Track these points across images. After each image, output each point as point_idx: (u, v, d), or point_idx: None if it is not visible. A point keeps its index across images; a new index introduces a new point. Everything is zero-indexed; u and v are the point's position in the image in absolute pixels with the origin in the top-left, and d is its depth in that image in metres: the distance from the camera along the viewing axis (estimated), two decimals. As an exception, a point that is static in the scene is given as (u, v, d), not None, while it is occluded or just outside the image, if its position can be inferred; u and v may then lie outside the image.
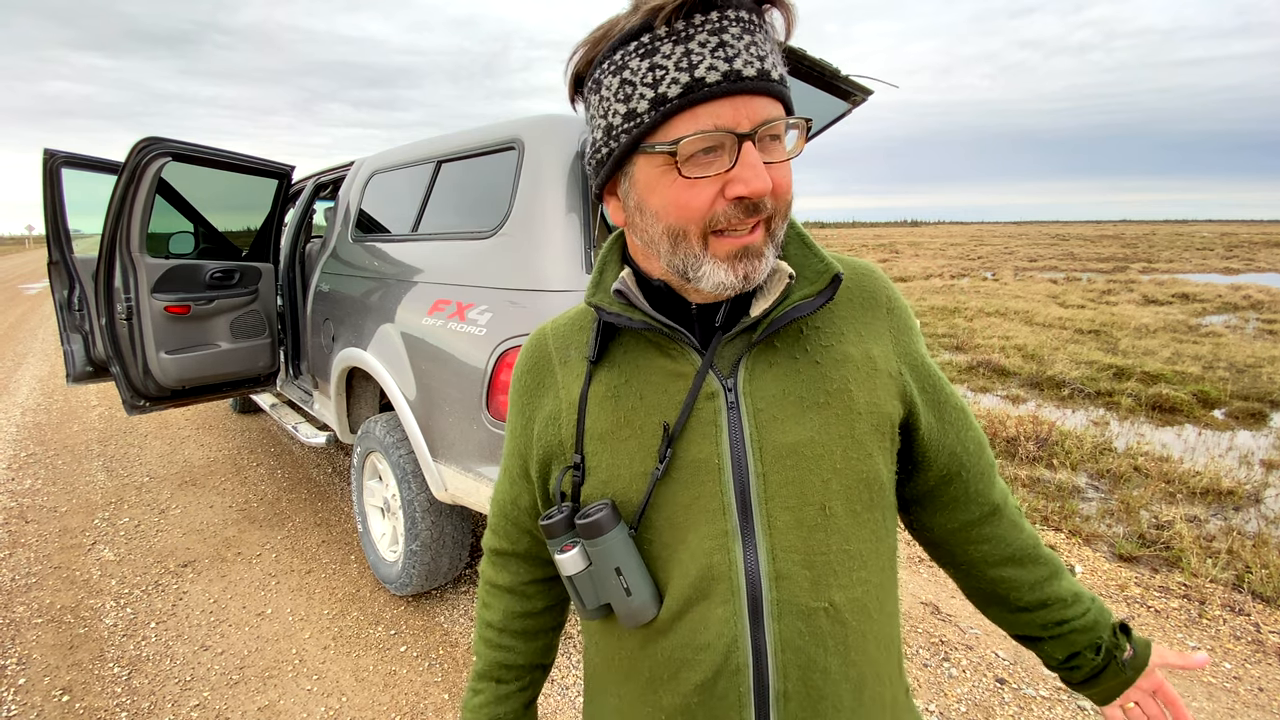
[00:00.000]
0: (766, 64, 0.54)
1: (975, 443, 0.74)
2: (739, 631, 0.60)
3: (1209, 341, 8.19)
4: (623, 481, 0.65)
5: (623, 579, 0.63)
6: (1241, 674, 2.26)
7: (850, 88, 2.08)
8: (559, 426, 0.69)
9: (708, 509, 0.61)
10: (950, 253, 30.37)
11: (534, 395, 0.73)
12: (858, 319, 0.67)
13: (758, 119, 0.54)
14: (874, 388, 0.65)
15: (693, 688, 0.62)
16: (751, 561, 0.61)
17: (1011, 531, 0.76)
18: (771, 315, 0.62)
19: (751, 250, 0.57)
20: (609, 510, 0.63)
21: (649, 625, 0.65)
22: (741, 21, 0.54)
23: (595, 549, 0.63)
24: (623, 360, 0.67)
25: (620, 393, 0.66)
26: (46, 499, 3.66)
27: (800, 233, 0.66)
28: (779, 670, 0.60)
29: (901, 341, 0.69)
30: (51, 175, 3.43)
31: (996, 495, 0.76)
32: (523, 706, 0.80)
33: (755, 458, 0.61)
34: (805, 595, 0.60)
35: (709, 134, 0.53)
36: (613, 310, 0.64)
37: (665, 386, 0.64)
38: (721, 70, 0.52)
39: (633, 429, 0.64)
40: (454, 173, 2.53)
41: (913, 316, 0.72)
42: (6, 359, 7.56)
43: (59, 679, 2.22)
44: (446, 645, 2.40)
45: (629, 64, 0.55)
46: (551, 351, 0.73)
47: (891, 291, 0.70)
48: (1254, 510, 3.59)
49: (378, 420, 2.63)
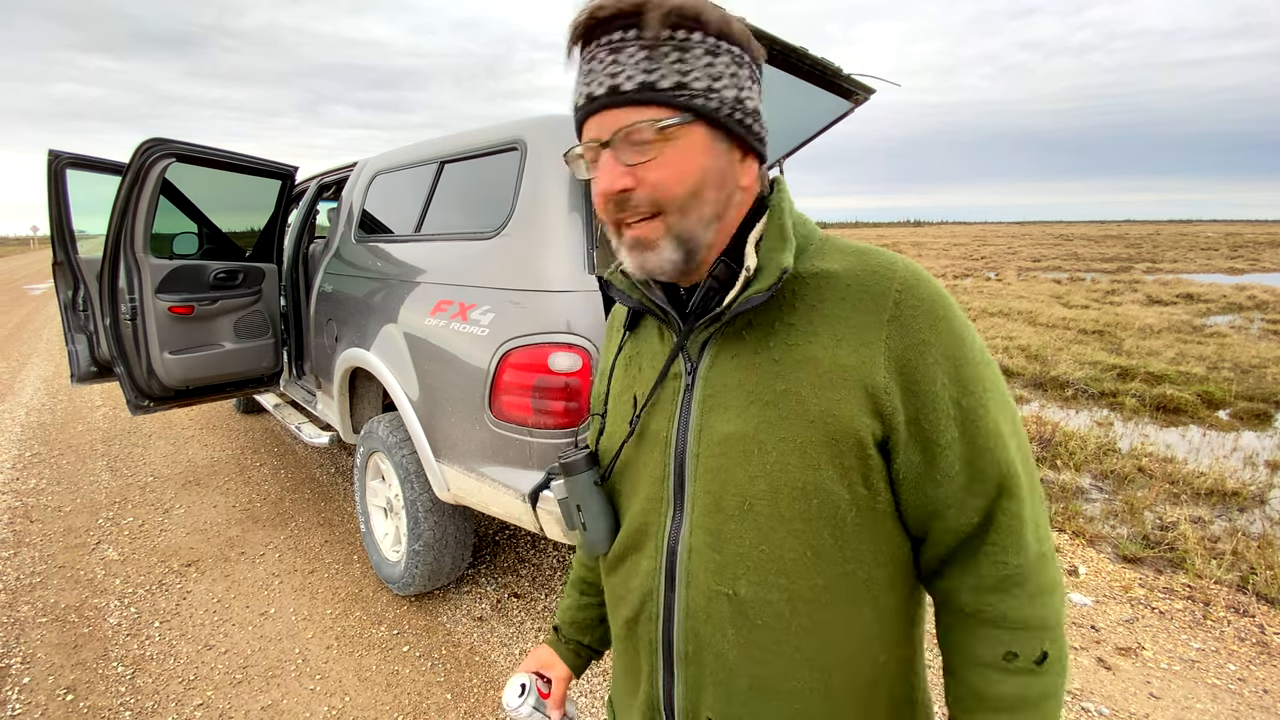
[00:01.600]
0: (655, 75, 0.58)
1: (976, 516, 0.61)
2: (655, 586, 0.69)
3: (1213, 342, 8.16)
4: (612, 438, 0.76)
5: (581, 514, 0.76)
6: (1246, 675, 2.25)
7: (852, 86, 2.08)
8: (602, 381, 0.82)
9: (653, 475, 0.70)
10: (953, 253, 30.32)
11: (603, 353, 0.85)
12: (843, 320, 0.61)
13: (619, 125, 0.59)
14: (834, 397, 0.60)
15: (623, 621, 0.75)
16: (675, 530, 0.68)
17: (975, 667, 0.63)
18: (731, 306, 0.64)
19: (642, 242, 0.63)
20: (584, 457, 0.76)
21: (605, 559, 0.78)
22: (641, 40, 0.59)
23: (570, 484, 0.77)
24: (641, 335, 0.77)
25: (630, 363, 0.77)
26: (51, 498, 3.68)
27: (780, 226, 0.65)
28: (682, 633, 0.67)
29: (906, 358, 0.60)
30: (56, 176, 3.44)
31: (968, 593, 0.63)
32: (598, 618, 0.93)
33: (694, 438, 0.67)
34: (710, 576, 0.65)
35: (588, 144, 0.62)
36: (616, 286, 0.74)
37: (654, 363, 0.73)
38: (607, 85, 0.59)
39: (628, 396, 0.75)
40: (457, 173, 2.53)
41: (946, 335, 0.60)
42: (11, 359, 7.59)
43: (63, 678, 2.23)
44: (449, 645, 2.40)
45: (577, 63, 0.63)
46: (615, 318, 0.84)
47: (908, 298, 0.61)
48: (1259, 511, 3.57)
49: (381, 420, 2.63)
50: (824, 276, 0.64)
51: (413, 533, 2.44)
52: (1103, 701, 2.11)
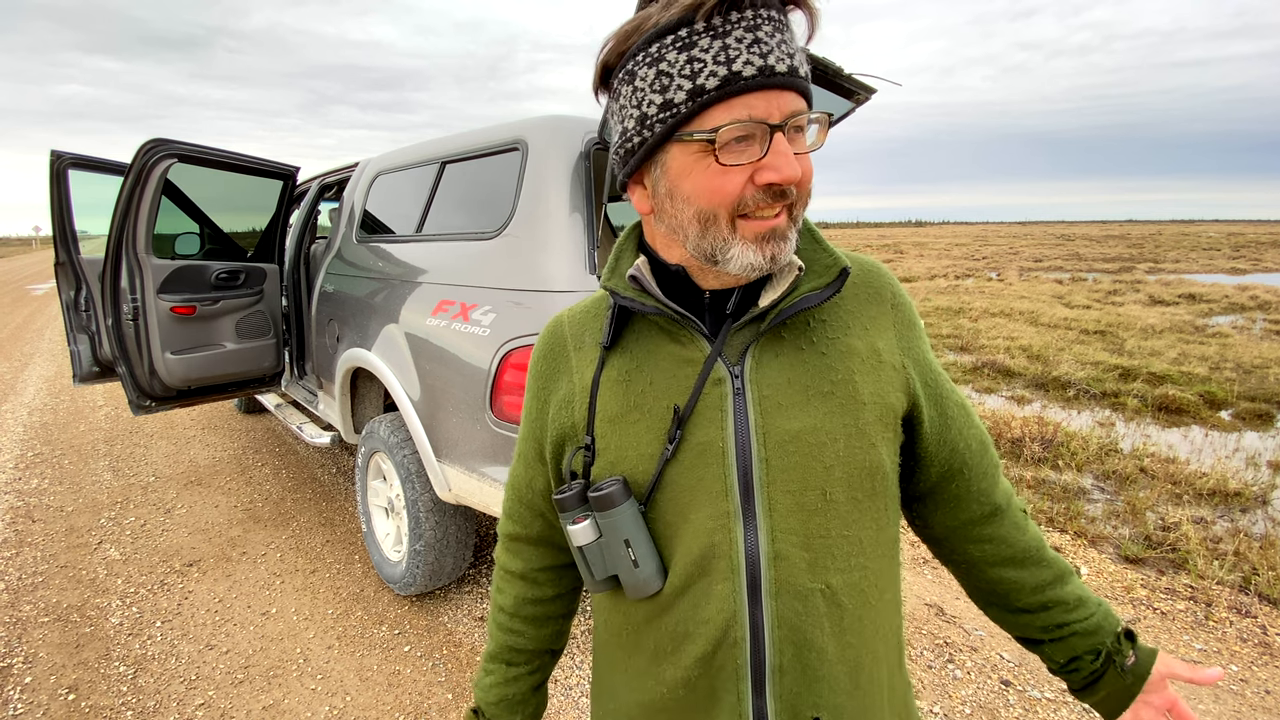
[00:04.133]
0: (795, 61, 0.58)
1: (978, 441, 0.75)
2: (737, 607, 0.63)
3: (1215, 342, 8.15)
4: (629, 463, 0.68)
5: (631, 550, 0.66)
6: (1248, 676, 2.25)
7: (854, 86, 2.07)
8: (572, 409, 0.72)
9: (711, 490, 0.64)
10: (955, 253, 30.29)
11: (549, 380, 0.76)
12: (863, 313, 0.69)
13: (787, 111, 0.57)
14: (878, 380, 0.67)
15: (694, 660, 0.66)
16: (751, 542, 0.63)
17: (1014, 533, 0.76)
18: (780, 306, 0.64)
19: (778, 233, 0.60)
20: (620, 485, 0.66)
21: (654, 600, 0.68)
22: (773, 20, 0.57)
23: (606, 521, 0.66)
24: (635, 346, 0.70)
25: (632, 377, 0.69)
26: (53, 498, 3.68)
27: (810, 228, 0.69)
28: (774, 646, 0.63)
29: (905, 337, 0.71)
30: (58, 177, 3.45)
31: (999, 496, 0.76)
32: (531, 689, 0.85)
33: (759, 443, 0.64)
34: (802, 576, 0.63)
35: (744, 124, 0.56)
36: (627, 295, 0.68)
37: (674, 372, 0.67)
38: (757, 65, 0.55)
39: (642, 412, 0.68)
40: (458, 173, 2.54)
41: (917, 315, 0.74)
42: (14, 359, 7.61)
43: (65, 678, 2.23)
44: (450, 645, 2.40)
45: (665, 56, 0.57)
46: (567, 338, 0.76)
47: (897, 289, 0.72)
48: (1261, 512, 3.56)
49: (382, 420, 2.63)
50: None
51: (414, 533, 2.45)
52: (1104, 702, 2.10)
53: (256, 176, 3.32)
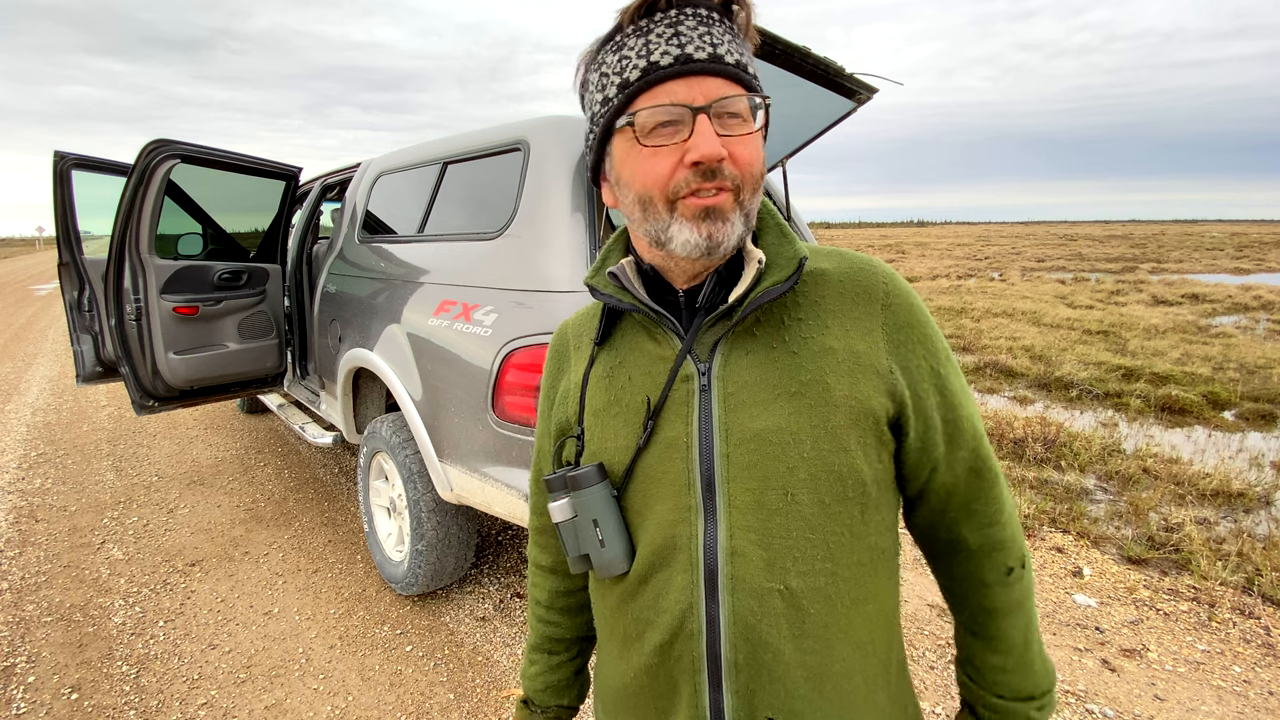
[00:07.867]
0: (721, 49, 0.60)
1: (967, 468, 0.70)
2: (695, 599, 0.65)
3: (1219, 342, 8.13)
4: (609, 453, 0.71)
5: (599, 530, 0.70)
6: (1251, 677, 2.24)
7: (855, 86, 2.07)
8: (569, 403, 0.77)
9: (675, 484, 0.67)
10: (957, 253, 30.25)
11: (555, 379, 0.81)
12: (846, 313, 0.67)
13: (712, 96, 0.60)
14: (855, 382, 0.65)
15: (653, 648, 0.69)
16: (711, 536, 0.65)
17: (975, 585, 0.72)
18: (745, 301, 0.65)
19: (715, 212, 0.61)
20: (595, 469, 0.70)
21: (623, 585, 0.71)
22: (699, 15, 0.61)
23: (579, 500, 0.70)
24: (620, 343, 0.74)
25: (614, 373, 0.73)
26: (56, 498, 3.69)
27: (779, 223, 0.70)
28: (729, 641, 0.64)
29: (897, 340, 0.67)
30: (62, 177, 3.46)
31: (973, 535, 0.71)
32: (573, 674, 0.90)
33: (721, 439, 0.65)
34: (759, 575, 0.64)
35: (665, 108, 0.60)
36: (605, 292, 0.71)
37: (649, 368, 0.70)
38: (674, 54, 0.60)
39: (621, 406, 0.71)
40: (460, 174, 2.54)
41: (921, 317, 0.69)
42: (17, 359, 7.63)
43: (68, 677, 2.24)
44: (452, 645, 2.40)
45: (605, 60, 0.64)
46: (569, 339, 0.81)
47: (893, 289, 0.69)
48: (1264, 512, 3.56)
49: (384, 420, 2.64)
50: (819, 274, 0.69)
51: (416, 533, 2.45)
52: (1107, 703, 2.10)
53: (259, 177, 3.32)
